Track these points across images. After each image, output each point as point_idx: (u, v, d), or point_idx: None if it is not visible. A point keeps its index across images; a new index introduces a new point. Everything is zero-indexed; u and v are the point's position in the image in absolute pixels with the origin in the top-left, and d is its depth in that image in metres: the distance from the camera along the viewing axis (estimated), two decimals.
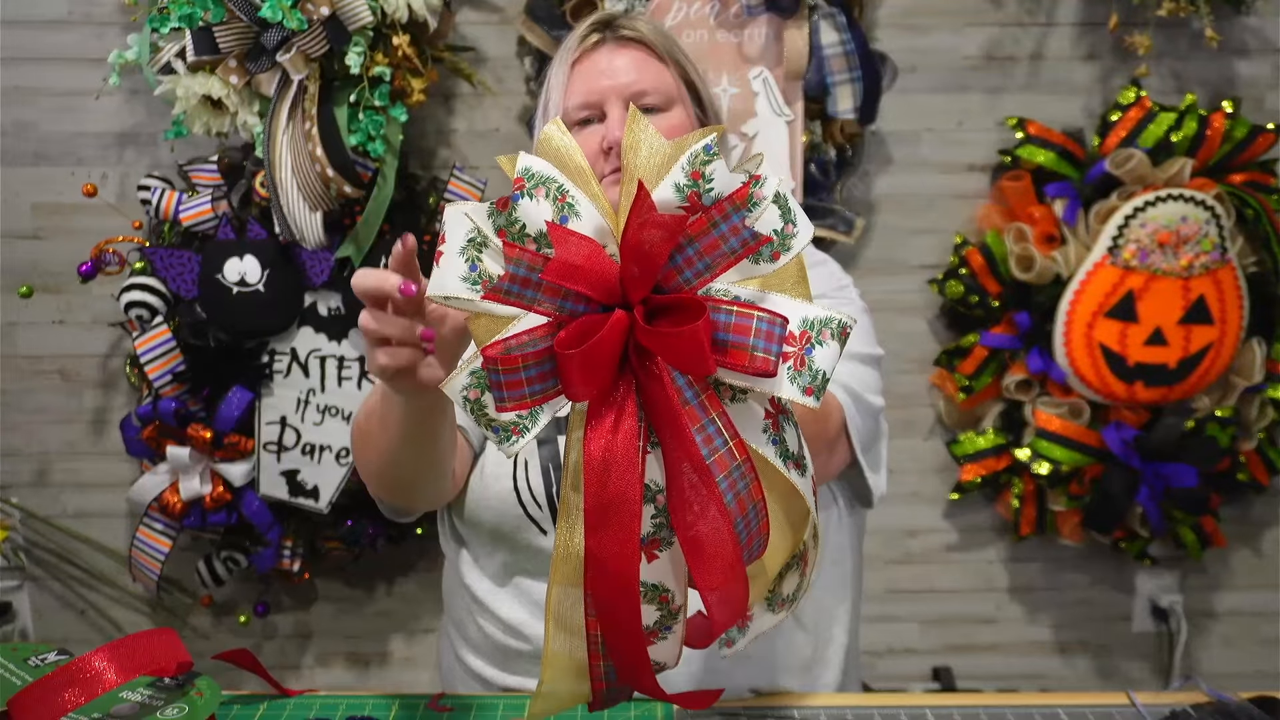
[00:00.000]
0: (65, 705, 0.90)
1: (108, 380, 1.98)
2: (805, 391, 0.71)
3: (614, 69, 1.11)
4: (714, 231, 0.70)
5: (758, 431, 0.73)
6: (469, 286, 0.72)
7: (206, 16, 1.63)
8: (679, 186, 0.71)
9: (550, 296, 0.70)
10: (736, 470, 0.70)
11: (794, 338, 0.71)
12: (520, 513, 1.11)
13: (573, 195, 0.72)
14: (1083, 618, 2.15)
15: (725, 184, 0.71)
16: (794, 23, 1.78)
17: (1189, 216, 1.85)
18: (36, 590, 2.03)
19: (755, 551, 0.73)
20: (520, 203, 0.72)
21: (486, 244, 0.72)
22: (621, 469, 0.70)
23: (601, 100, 1.10)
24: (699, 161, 0.71)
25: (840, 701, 1.10)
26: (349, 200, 1.75)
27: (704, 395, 0.70)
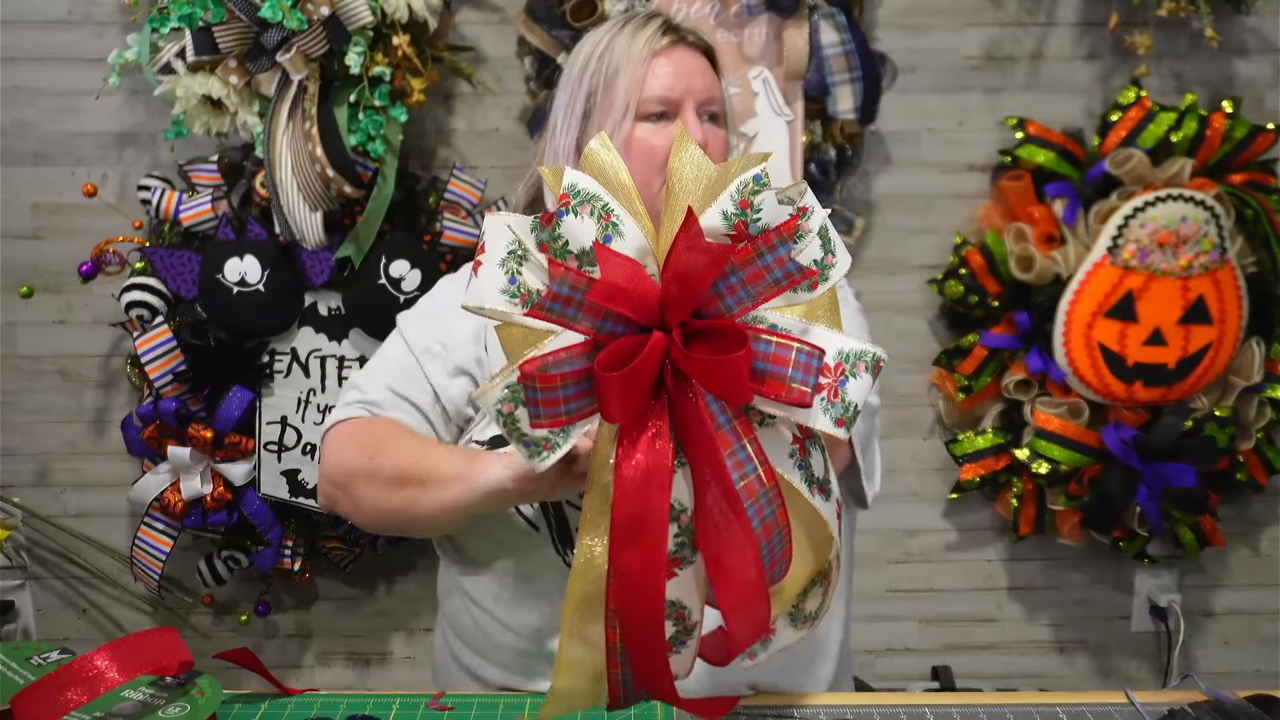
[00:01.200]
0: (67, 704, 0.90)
1: (108, 380, 1.98)
2: (837, 423, 0.71)
3: (692, 71, 1.13)
4: (759, 261, 0.70)
5: (784, 457, 0.73)
6: (508, 299, 0.72)
7: (206, 16, 1.64)
8: (726, 214, 0.71)
9: (591, 316, 0.70)
10: (764, 496, 0.70)
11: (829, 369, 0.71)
12: (513, 513, 1.11)
13: (617, 214, 0.72)
14: (1081, 617, 2.15)
15: (773, 215, 0.71)
16: (794, 23, 1.78)
17: (1188, 216, 1.85)
18: (38, 589, 2.03)
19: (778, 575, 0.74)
20: (565, 219, 0.72)
21: (528, 257, 0.72)
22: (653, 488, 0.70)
23: (680, 99, 1.12)
24: (748, 191, 0.71)
25: (840, 701, 1.10)
26: (349, 200, 1.75)
27: (737, 421, 0.71)
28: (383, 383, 1.18)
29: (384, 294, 1.78)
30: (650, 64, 1.12)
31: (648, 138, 1.11)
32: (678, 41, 1.14)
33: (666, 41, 1.13)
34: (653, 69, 1.12)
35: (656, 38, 1.13)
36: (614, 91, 1.12)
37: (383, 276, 1.77)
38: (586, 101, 1.13)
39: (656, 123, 1.12)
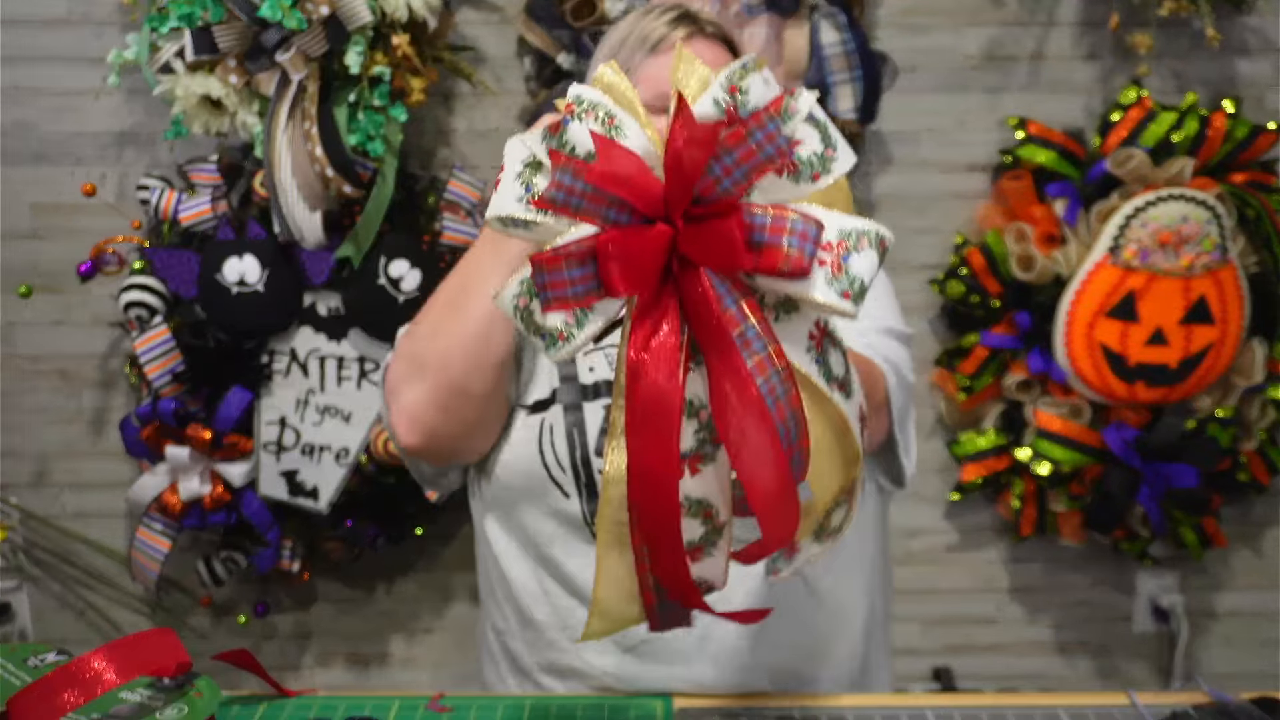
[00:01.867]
0: (64, 706, 0.89)
1: (107, 380, 1.98)
2: (843, 295, 0.71)
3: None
4: (750, 140, 0.72)
5: (801, 350, 0.74)
6: (523, 207, 0.74)
7: (206, 16, 1.63)
8: (717, 101, 0.73)
9: (595, 204, 0.71)
10: (775, 376, 0.71)
11: (830, 246, 0.72)
12: (545, 475, 1.12)
13: (620, 119, 0.74)
14: (1083, 618, 2.15)
15: (761, 96, 0.73)
16: (794, 22, 1.78)
17: (1190, 216, 1.85)
18: (36, 590, 2.03)
19: (799, 466, 0.74)
20: (570, 125, 0.74)
21: (540, 166, 0.74)
22: (658, 371, 0.71)
23: None
24: (736, 76, 0.73)
25: (840, 701, 1.10)
26: (349, 200, 1.75)
27: (744, 301, 0.72)
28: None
29: (383, 294, 1.77)
30: (666, 55, 1.11)
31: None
32: (694, 32, 1.13)
33: (682, 33, 1.12)
34: (668, 60, 1.10)
35: (672, 29, 1.12)
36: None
37: (382, 276, 1.77)
38: None
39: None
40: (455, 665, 2.08)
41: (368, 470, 1.84)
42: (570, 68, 1.78)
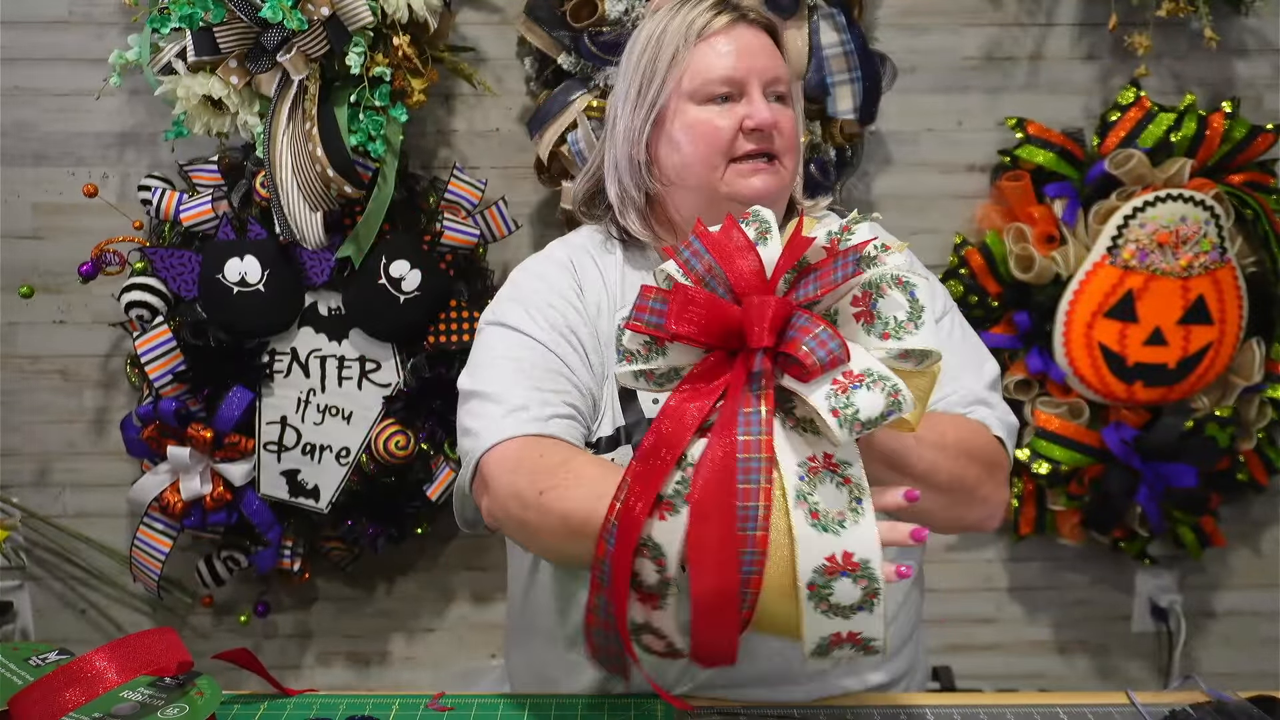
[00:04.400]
0: (66, 705, 0.90)
1: (108, 380, 1.98)
2: (833, 412, 0.78)
3: (755, 50, 1.10)
4: (832, 265, 0.83)
5: (793, 462, 0.79)
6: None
7: (207, 17, 1.64)
8: (830, 232, 0.85)
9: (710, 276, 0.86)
10: (756, 461, 0.78)
11: (850, 374, 0.79)
12: None
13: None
14: (1082, 617, 2.15)
15: (861, 238, 0.84)
16: (794, 23, 1.78)
17: (1188, 217, 1.85)
18: (37, 590, 2.03)
19: (749, 567, 0.77)
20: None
21: None
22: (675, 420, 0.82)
23: (745, 79, 1.09)
24: (853, 220, 0.85)
25: (840, 701, 1.10)
26: (349, 200, 1.75)
27: (766, 393, 0.80)
28: (524, 384, 1.07)
29: (384, 294, 1.78)
30: (711, 43, 1.09)
31: (711, 119, 1.09)
32: (738, 19, 1.10)
33: (726, 20, 1.10)
34: (713, 48, 1.09)
35: (715, 16, 1.10)
36: (675, 73, 1.10)
37: (383, 276, 1.77)
38: (646, 87, 1.11)
39: (721, 104, 1.09)
40: (455, 665, 2.08)
41: (368, 470, 1.84)
42: (570, 68, 1.78)
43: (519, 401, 1.05)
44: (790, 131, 1.11)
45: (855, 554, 0.77)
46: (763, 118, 1.07)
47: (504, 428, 1.04)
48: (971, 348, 1.18)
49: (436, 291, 1.80)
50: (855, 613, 0.77)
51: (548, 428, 1.04)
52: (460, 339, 1.80)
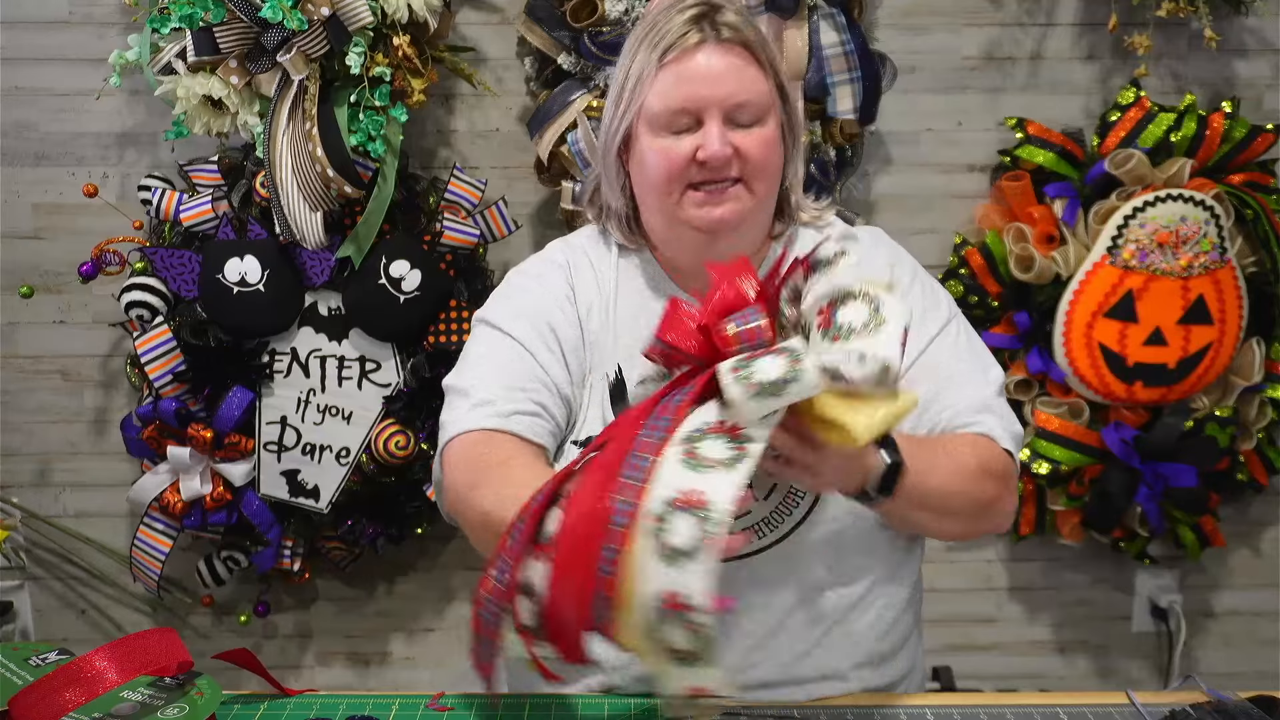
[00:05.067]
0: (66, 705, 0.90)
1: (108, 380, 1.98)
2: (732, 370, 0.82)
3: (715, 75, 1.06)
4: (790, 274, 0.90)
5: (694, 425, 0.83)
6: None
7: (207, 17, 1.64)
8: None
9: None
10: (642, 460, 0.81)
11: (765, 351, 0.84)
12: None
13: None
14: (1082, 617, 2.15)
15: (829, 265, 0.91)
16: (794, 23, 1.78)
17: (1188, 217, 1.85)
18: (37, 590, 2.03)
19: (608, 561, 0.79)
20: None
21: None
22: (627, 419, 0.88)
23: (701, 109, 1.06)
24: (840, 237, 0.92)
25: (840, 701, 1.10)
26: (349, 200, 1.75)
27: (685, 405, 0.84)
28: (493, 380, 1.11)
29: (384, 294, 1.78)
30: (675, 68, 1.06)
31: (668, 148, 1.08)
32: (705, 40, 1.06)
33: (696, 39, 1.06)
34: (676, 73, 1.07)
35: (684, 35, 1.06)
36: (640, 95, 1.09)
37: (383, 276, 1.77)
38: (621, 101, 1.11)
39: (678, 136, 1.07)
40: (455, 665, 2.08)
41: (368, 470, 1.84)
42: (570, 68, 1.78)
43: (485, 396, 1.09)
44: (758, 154, 1.08)
45: (706, 495, 0.77)
46: (712, 151, 1.05)
47: (466, 421, 1.08)
48: (976, 354, 1.19)
49: (436, 291, 1.80)
50: (686, 562, 0.76)
51: (509, 423, 1.07)
52: (460, 339, 1.80)
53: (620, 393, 1.13)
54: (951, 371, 1.14)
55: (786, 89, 1.13)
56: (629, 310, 1.16)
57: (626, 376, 1.13)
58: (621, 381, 1.13)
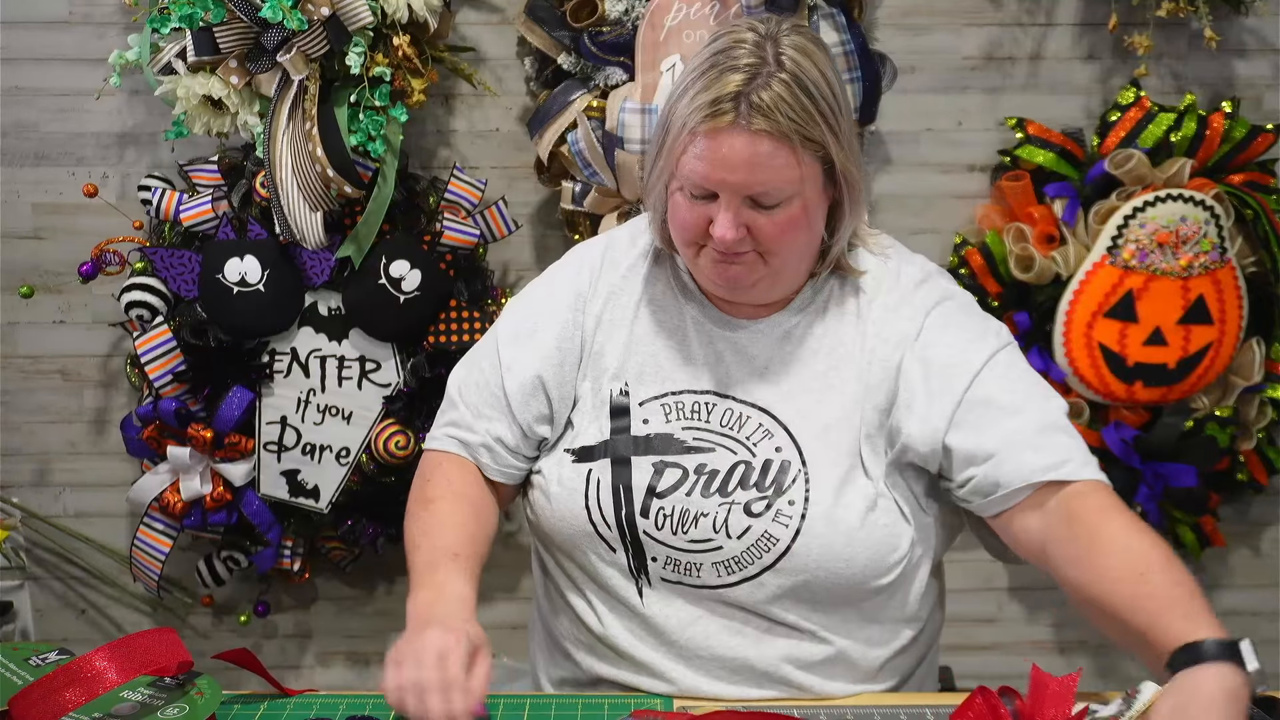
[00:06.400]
0: (66, 705, 0.90)
1: (108, 380, 1.98)
2: None
3: (735, 163, 1.02)
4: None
5: None
6: None
7: (207, 17, 1.64)
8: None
9: None
10: None
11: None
12: (591, 530, 1.13)
13: None
14: (1082, 617, 2.14)
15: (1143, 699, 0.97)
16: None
17: (1188, 217, 1.85)
18: (37, 590, 2.03)
19: None
20: None
21: None
22: None
23: (716, 190, 1.05)
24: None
25: (840, 701, 1.10)
26: (349, 200, 1.75)
27: None
28: (467, 399, 1.21)
29: (384, 294, 1.78)
30: (700, 140, 1.03)
31: (687, 208, 1.07)
32: (737, 121, 1.01)
33: (727, 120, 1.01)
34: (699, 146, 1.03)
35: (713, 117, 1.02)
36: (665, 148, 1.08)
37: (383, 276, 1.77)
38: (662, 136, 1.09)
39: (695, 200, 1.06)
40: None
41: (368, 470, 1.84)
42: (570, 68, 1.78)
43: (455, 417, 1.22)
44: (773, 236, 1.05)
45: None
46: (720, 235, 1.04)
47: (437, 436, 1.23)
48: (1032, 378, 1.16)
49: (436, 291, 1.80)
50: None
51: (467, 451, 1.21)
52: (460, 339, 1.80)
53: (623, 412, 1.15)
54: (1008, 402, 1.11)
55: (836, 158, 1.05)
56: (647, 327, 1.18)
57: (631, 396, 1.15)
58: (625, 399, 1.15)
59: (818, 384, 1.13)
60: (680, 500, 1.11)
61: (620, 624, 1.15)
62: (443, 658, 0.97)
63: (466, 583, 1.09)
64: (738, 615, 1.12)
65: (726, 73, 1.02)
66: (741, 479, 1.11)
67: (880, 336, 1.13)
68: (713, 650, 1.12)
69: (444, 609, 1.06)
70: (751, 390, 1.14)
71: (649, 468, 1.12)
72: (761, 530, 1.09)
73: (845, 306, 1.15)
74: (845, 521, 1.09)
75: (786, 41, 1.04)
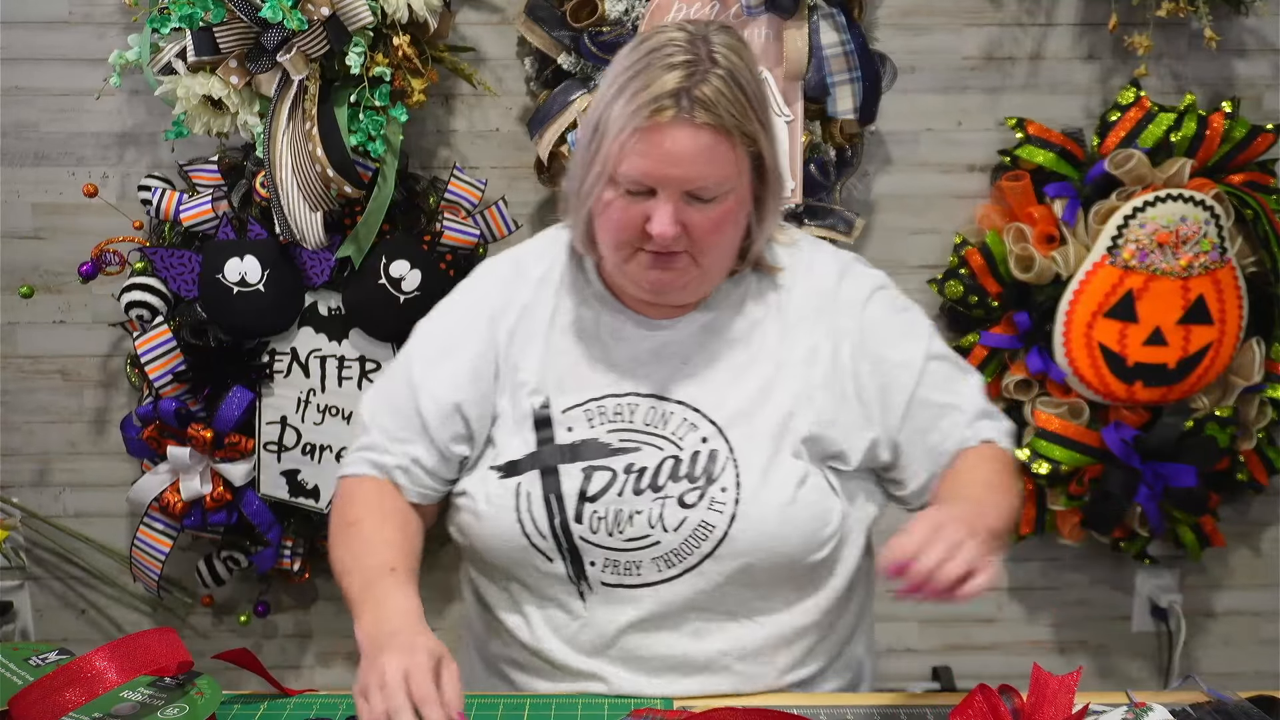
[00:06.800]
0: (66, 705, 0.90)
1: (108, 380, 1.98)
2: None
3: (678, 157, 1.03)
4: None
5: None
6: None
7: (207, 17, 1.64)
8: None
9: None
10: None
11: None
12: (526, 543, 1.12)
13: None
14: (1082, 617, 2.15)
15: None
16: (794, 23, 1.78)
17: (1188, 217, 1.85)
18: (37, 590, 2.03)
19: None
20: None
21: None
22: None
23: (657, 186, 1.05)
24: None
25: (840, 701, 1.10)
26: (349, 200, 1.75)
27: None
28: (381, 423, 1.20)
29: (384, 294, 1.78)
30: (642, 136, 1.03)
31: (623, 207, 1.06)
32: (679, 116, 1.02)
33: (668, 116, 1.02)
34: (642, 142, 1.03)
35: (657, 112, 1.02)
36: (603, 146, 1.06)
37: (383, 276, 1.77)
38: (595, 136, 1.08)
39: (632, 197, 1.06)
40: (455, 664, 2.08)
41: None
42: (570, 68, 1.78)
43: (368, 441, 1.21)
44: (707, 232, 1.07)
45: None
46: (659, 230, 1.04)
47: (352, 460, 1.22)
48: (959, 368, 1.23)
49: (436, 292, 1.78)
50: None
51: (383, 473, 1.19)
52: None
53: (545, 423, 1.14)
54: (945, 400, 1.19)
55: (765, 153, 1.09)
56: (563, 337, 1.17)
57: (553, 406, 1.14)
58: (547, 410, 1.15)
59: (739, 374, 1.15)
60: (613, 501, 1.11)
61: (557, 636, 1.15)
62: (407, 678, 0.95)
63: (408, 594, 1.07)
64: (677, 610, 1.13)
65: (664, 70, 1.03)
66: (672, 472, 1.11)
67: (804, 326, 1.16)
68: (653, 649, 1.13)
69: (392, 626, 1.03)
70: (673, 387, 1.14)
71: (578, 474, 1.12)
72: (698, 520, 1.11)
73: (765, 300, 1.17)
74: (777, 500, 1.11)
75: (716, 40, 1.06)
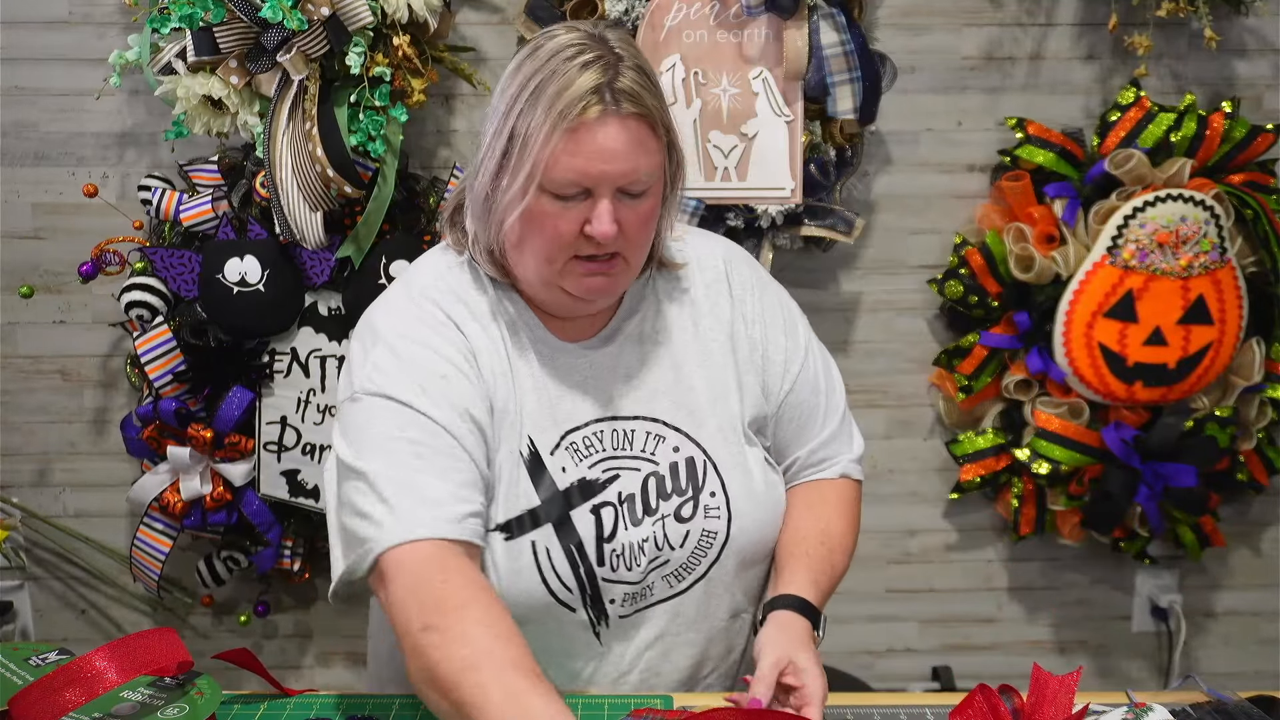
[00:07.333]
0: (66, 705, 0.90)
1: (108, 380, 1.98)
2: None
3: (612, 151, 1.01)
4: None
5: None
6: None
7: (207, 17, 1.64)
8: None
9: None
10: None
11: None
12: (550, 599, 1.08)
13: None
14: (1082, 617, 2.15)
15: None
16: (794, 23, 1.78)
17: (1188, 217, 1.85)
18: (37, 590, 2.03)
19: None
20: None
21: None
22: None
23: (594, 185, 1.01)
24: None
25: (840, 701, 1.10)
26: (349, 200, 1.75)
27: None
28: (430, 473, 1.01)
29: None
30: (574, 136, 0.99)
31: (557, 215, 1.02)
32: (606, 112, 1.00)
33: (597, 112, 0.99)
34: (575, 142, 1.00)
35: (586, 108, 0.99)
36: (526, 154, 1.01)
37: (383, 276, 1.77)
38: (507, 141, 1.03)
39: (566, 202, 1.02)
40: None
41: None
42: None
43: (431, 494, 1.00)
44: (637, 229, 1.05)
45: None
46: (601, 230, 1.01)
47: (414, 524, 0.98)
48: (829, 375, 1.25)
49: None
50: None
51: (462, 530, 1.00)
52: None
53: (538, 465, 1.08)
54: (812, 406, 1.21)
55: (676, 142, 1.08)
56: (522, 372, 1.10)
57: (539, 447, 1.09)
58: (537, 454, 1.09)
59: (679, 376, 1.15)
60: (622, 535, 1.10)
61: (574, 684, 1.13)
62: None
63: (559, 703, 0.90)
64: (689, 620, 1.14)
65: (577, 70, 1.00)
66: (659, 490, 1.11)
67: (714, 315, 1.17)
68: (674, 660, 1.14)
69: None
70: (625, 403, 1.13)
71: (588, 517, 1.09)
72: (699, 531, 1.12)
73: (675, 298, 1.18)
74: (756, 490, 1.14)
75: (612, 35, 1.05)
